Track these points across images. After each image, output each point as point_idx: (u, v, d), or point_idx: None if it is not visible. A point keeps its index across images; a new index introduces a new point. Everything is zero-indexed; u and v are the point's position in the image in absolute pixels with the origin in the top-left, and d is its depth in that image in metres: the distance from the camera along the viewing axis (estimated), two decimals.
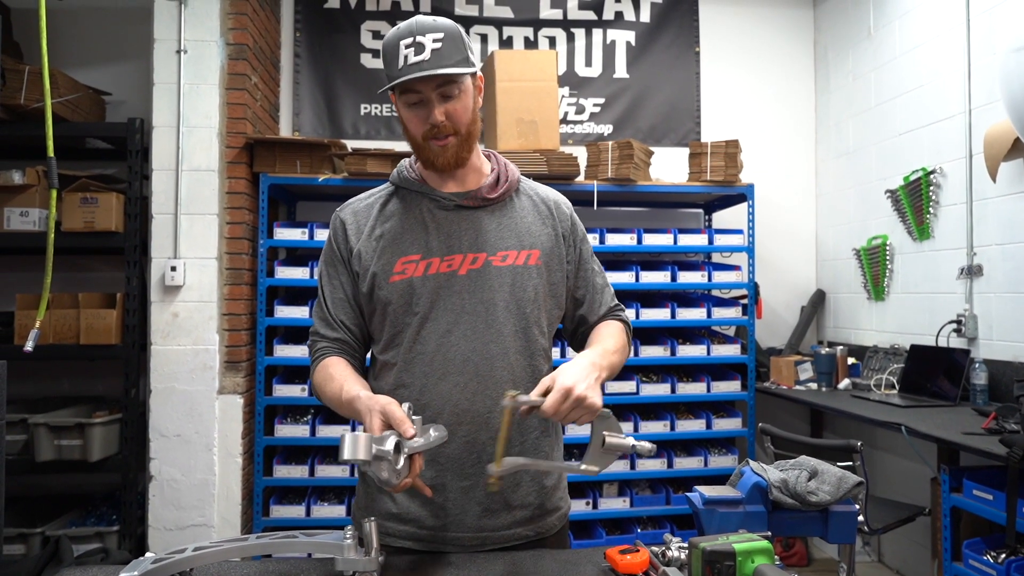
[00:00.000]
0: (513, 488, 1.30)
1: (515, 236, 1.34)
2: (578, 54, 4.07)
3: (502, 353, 1.29)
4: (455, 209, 1.33)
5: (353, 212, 1.38)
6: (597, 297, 1.44)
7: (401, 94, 1.26)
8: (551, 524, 1.35)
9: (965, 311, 3.05)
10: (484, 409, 1.26)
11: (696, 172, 3.59)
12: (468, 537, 1.27)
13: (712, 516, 1.17)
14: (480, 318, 1.28)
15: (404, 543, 1.28)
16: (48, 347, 3.03)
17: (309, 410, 3.40)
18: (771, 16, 4.23)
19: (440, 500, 1.27)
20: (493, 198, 1.34)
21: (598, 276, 1.46)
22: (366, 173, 3.26)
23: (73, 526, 3.13)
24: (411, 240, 1.31)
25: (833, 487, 1.19)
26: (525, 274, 1.32)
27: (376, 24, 3.94)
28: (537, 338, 1.34)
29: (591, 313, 1.43)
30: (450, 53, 1.22)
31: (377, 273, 1.30)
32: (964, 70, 3.08)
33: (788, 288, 4.18)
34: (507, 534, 1.29)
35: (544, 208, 1.40)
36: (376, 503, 1.32)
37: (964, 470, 2.40)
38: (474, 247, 1.31)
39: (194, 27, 3.14)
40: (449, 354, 1.27)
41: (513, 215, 1.36)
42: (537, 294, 1.33)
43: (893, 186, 3.52)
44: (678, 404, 3.63)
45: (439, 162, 1.29)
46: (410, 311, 1.29)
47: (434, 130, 1.26)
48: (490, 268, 1.30)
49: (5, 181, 3.07)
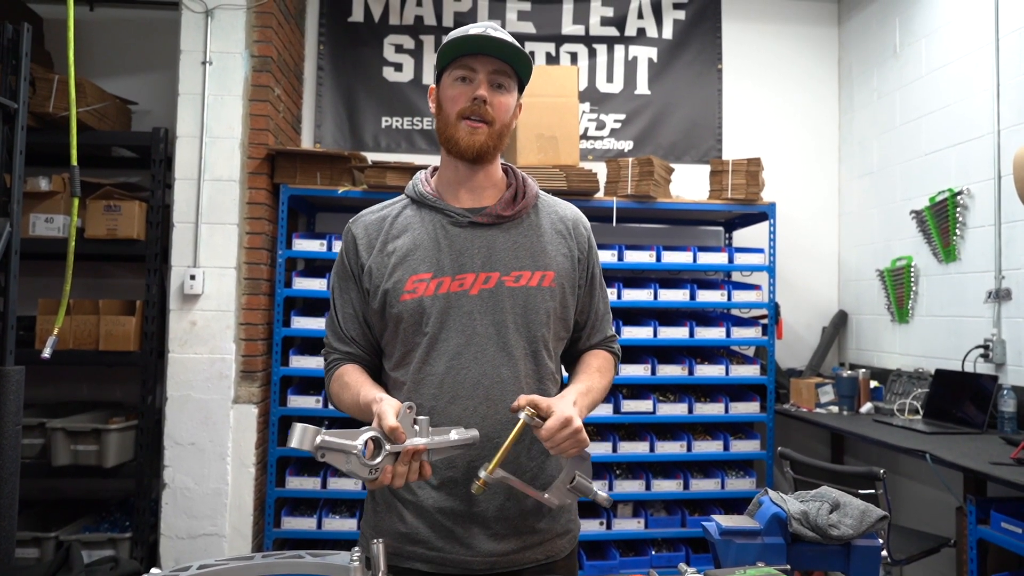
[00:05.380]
0: (521, 513, 1.26)
1: (530, 256, 1.30)
2: (599, 70, 4.07)
3: (513, 377, 1.26)
4: (468, 226, 1.29)
5: (364, 226, 1.35)
6: (598, 324, 1.42)
7: (454, 70, 1.27)
8: (561, 547, 1.32)
9: (993, 336, 2.98)
10: (494, 433, 1.23)
11: (717, 190, 3.55)
12: (477, 561, 1.24)
13: (729, 547, 1.13)
14: (491, 340, 1.26)
15: (413, 564, 1.25)
16: (68, 352, 3.06)
17: (324, 422, 3.38)
18: (795, 34, 4.19)
19: (448, 523, 1.25)
20: (508, 216, 1.31)
21: (602, 302, 1.43)
22: (385, 186, 3.27)
23: (86, 531, 3.14)
24: (422, 257, 1.28)
25: (856, 520, 1.15)
26: (538, 295, 1.29)
27: (399, 38, 3.97)
28: (546, 361, 1.31)
29: (587, 339, 1.42)
30: (516, 46, 1.27)
31: (389, 291, 1.27)
32: (992, 90, 3.03)
33: (809, 308, 4.11)
34: (517, 558, 1.26)
35: (563, 227, 1.36)
36: (384, 521, 1.30)
37: (992, 501, 2.32)
38: (487, 266, 1.27)
39: (220, 39, 3.18)
40: (459, 377, 1.25)
41: (529, 233, 1.32)
42: (549, 317, 1.29)
43: (919, 207, 3.46)
44: (695, 424, 3.57)
45: (464, 142, 1.26)
46: (420, 331, 1.26)
47: (474, 105, 1.25)
48: (503, 288, 1.27)
49: (32, 188, 3.11)
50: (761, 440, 3.50)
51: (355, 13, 3.95)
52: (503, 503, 1.25)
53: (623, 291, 3.43)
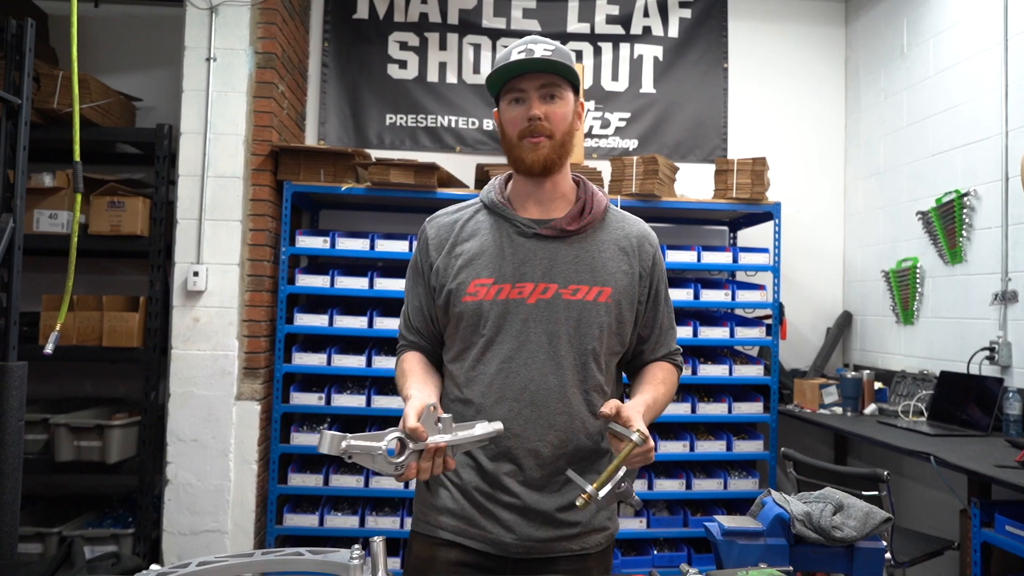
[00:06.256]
0: (562, 507, 1.33)
1: (589, 271, 1.35)
2: (605, 68, 4.05)
3: (559, 385, 1.32)
4: (533, 237, 1.35)
5: (437, 227, 1.42)
6: (662, 339, 1.47)
7: (507, 92, 1.33)
8: (596, 542, 1.38)
9: (998, 338, 2.96)
10: (535, 436, 1.31)
11: (722, 189, 3.54)
12: (516, 545, 1.32)
13: (731, 548, 1.13)
14: (542, 348, 1.32)
15: (454, 538, 1.34)
16: (71, 348, 3.07)
17: (326, 419, 3.39)
18: (802, 33, 4.17)
19: (491, 506, 1.33)
20: (572, 230, 1.36)
21: (666, 317, 1.48)
22: (389, 183, 3.27)
23: (89, 527, 3.14)
24: (486, 263, 1.35)
25: (860, 522, 1.14)
26: (593, 310, 1.34)
27: (404, 35, 3.96)
28: (595, 374, 1.35)
29: (651, 352, 1.47)
30: (558, 59, 1.31)
31: (453, 291, 1.35)
32: (1001, 90, 3.01)
33: (814, 309, 4.10)
34: (553, 546, 1.33)
35: (627, 244, 1.41)
36: (437, 497, 1.37)
37: (996, 504, 2.31)
38: (546, 277, 1.33)
39: (224, 35, 3.18)
40: (509, 379, 1.32)
41: (591, 249, 1.37)
42: (602, 331, 1.34)
43: (925, 208, 3.44)
44: (698, 424, 3.56)
45: (528, 159, 1.32)
46: (477, 332, 1.34)
47: (531, 126, 1.30)
48: (559, 300, 1.33)
49: (36, 184, 3.12)
50: (764, 441, 3.49)
51: (359, 10, 3.94)
52: (537, 497, 1.32)
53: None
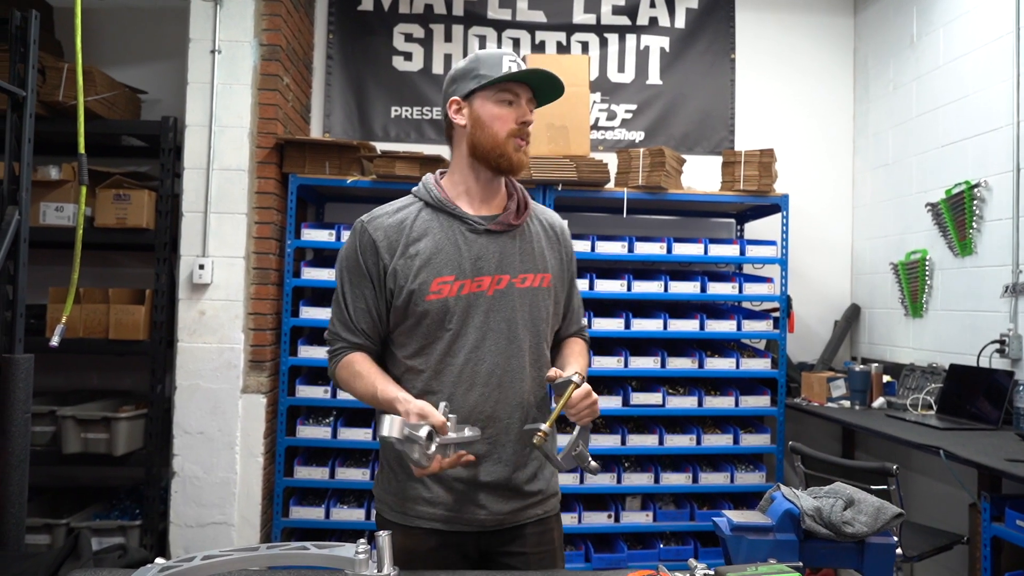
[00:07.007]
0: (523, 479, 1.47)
1: (532, 260, 1.49)
2: (611, 59, 4.02)
3: (520, 367, 1.45)
4: (484, 233, 1.45)
5: (384, 229, 1.45)
6: (574, 317, 1.65)
7: (498, 92, 1.41)
8: (552, 505, 1.55)
9: (1009, 331, 2.93)
10: (505, 415, 1.44)
11: (729, 181, 3.51)
12: (489, 520, 1.44)
13: (740, 543, 1.12)
14: (503, 335, 1.44)
15: (432, 524, 1.43)
16: (78, 341, 3.08)
17: (331, 412, 3.39)
18: (810, 24, 4.13)
19: (468, 491, 1.43)
20: (516, 224, 1.48)
21: (576, 298, 1.66)
22: (395, 176, 3.25)
23: (97, 519, 3.16)
24: (445, 261, 1.42)
25: (871, 518, 1.13)
26: (540, 295, 1.49)
27: (409, 27, 3.94)
28: (545, 352, 1.53)
29: (567, 329, 1.63)
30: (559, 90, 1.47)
31: (415, 291, 1.41)
32: (1012, 80, 2.97)
33: (821, 302, 4.07)
34: (520, 515, 1.47)
35: (552, 234, 1.57)
36: (407, 489, 1.45)
37: (1007, 498, 2.29)
38: (499, 269, 1.45)
39: (229, 27, 3.17)
40: (477, 367, 1.42)
41: (530, 240, 1.51)
42: (548, 313, 1.51)
43: (934, 199, 3.41)
44: (705, 418, 3.55)
45: (514, 159, 1.42)
46: (443, 327, 1.42)
47: (522, 128, 1.42)
48: (513, 289, 1.45)
49: (42, 176, 3.12)
50: (771, 434, 3.47)
51: (364, 2, 3.92)
52: (509, 473, 1.45)
53: (633, 283, 3.40)
